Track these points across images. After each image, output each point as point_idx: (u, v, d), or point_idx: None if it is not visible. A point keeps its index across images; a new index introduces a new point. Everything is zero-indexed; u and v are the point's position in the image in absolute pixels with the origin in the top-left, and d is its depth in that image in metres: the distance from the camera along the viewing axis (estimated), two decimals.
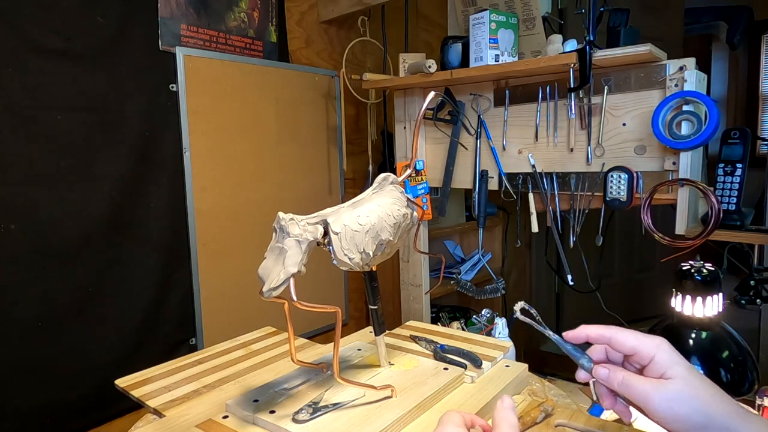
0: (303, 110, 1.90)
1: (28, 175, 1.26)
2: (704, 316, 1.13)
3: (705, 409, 0.44)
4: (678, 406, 0.45)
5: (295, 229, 0.62)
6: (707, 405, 0.44)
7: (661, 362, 0.47)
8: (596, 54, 1.26)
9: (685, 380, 0.45)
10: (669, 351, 0.47)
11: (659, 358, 0.47)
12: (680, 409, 0.45)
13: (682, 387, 0.45)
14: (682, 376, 0.45)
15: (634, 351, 0.48)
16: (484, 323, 1.90)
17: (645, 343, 0.47)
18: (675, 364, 0.46)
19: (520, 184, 1.54)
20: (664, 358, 0.46)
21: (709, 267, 1.16)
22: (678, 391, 0.45)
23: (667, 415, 0.45)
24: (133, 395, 0.82)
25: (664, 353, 0.47)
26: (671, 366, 0.46)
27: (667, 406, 0.45)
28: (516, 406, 0.41)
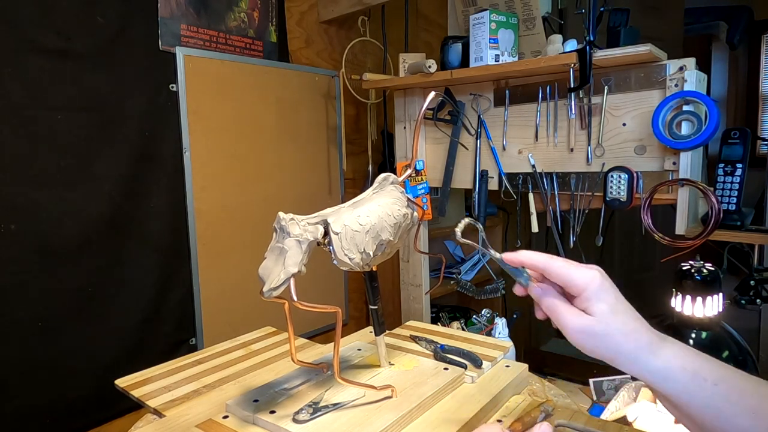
0: (303, 110, 1.90)
1: (28, 175, 1.26)
2: (704, 316, 1.14)
3: (614, 346, 0.49)
4: (588, 339, 0.50)
5: (295, 229, 0.62)
6: (617, 343, 0.49)
7: (585, 297, 0.50)
8: (596, 54, 1.26)
9: (600, 318, 0.49)
10: (597, 288, 0.50)
11: (586, 294, 0.50)
12: (589, 342, 0.50)
13: (596, 324, 0.49)
14: (600, 313, 0.49)
15: (564, 284, 0.52)
16: (484, 323, 1.91)
17: (575, 279, 0.50)
18: (599, 301, 0.49)
19: (520, 184, 1.54)
20: (589, 295, 0.50)
21: (709, 267, 1.16)
22: (591, 326, 0.49)
23: (578, 344, 0.50)
24: (133, 395, 0.82)
25: (591, 290, 0.50)
26: (595, 303, 0.49)
27: (578, 338, 0.50)
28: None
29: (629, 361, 0.49)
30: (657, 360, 0.49)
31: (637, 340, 0.49)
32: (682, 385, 0.48)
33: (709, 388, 0.48)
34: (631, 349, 0.49)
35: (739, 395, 0.47)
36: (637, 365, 0.49)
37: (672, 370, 0.49)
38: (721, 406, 0.47)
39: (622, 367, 0.50)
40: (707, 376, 0.48)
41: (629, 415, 1.16)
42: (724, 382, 0.48)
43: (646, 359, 0.49)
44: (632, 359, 0.49)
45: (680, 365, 0.49)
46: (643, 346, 0.49)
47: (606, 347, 0.49)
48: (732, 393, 0.47)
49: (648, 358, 0.49)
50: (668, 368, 0.49)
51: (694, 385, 0.48)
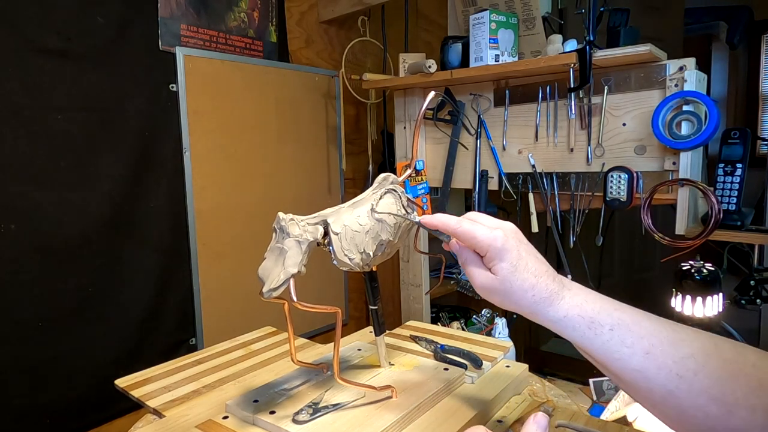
0: (303, 110, 1.90)
1: (28, 175, 1.26)
2: (704, 316, 1.13)
3: (515, 300, 0.53)
4: (492, 296, 0.55)
5: (295, 230, 0.62)
6: (518, 299, 0.53)
7: (489, 257, 0.54)
8: (596, 54, 1.26)
9: (501, 278, 0.53)
10: (499, 248, 0.53)
11: (489, 255, 0.54)
12: (494, 298, 0.55)
13: (497, 283, 0.53)
14: (501, 273, 0.53)
15: (471, 247, 0.56)
16: (484, 323, 1.91)
17: (478, 241, 0.54)
18: (500, 260, 0.53)
19: (520, 184, 1.54)
20: (492, 255, 0.54)
21: (709, 267, 1.16)
22: (493, 284, 0.54)
23: (484, 298, 0.56)
24: (133, 395, 0.82)
25: (493, 250, 0.53)
26: (497, 262, 0.53)
27: (484, 294, 0.55)
28: (548, 425, 0.46)
29: (531, 313, 0.54)
30: (557, 311, 0.52)
31: (535, 296, 0.52)
32: (581, 332, 0.51)
33: (606, 333, 0.50)
34: (531, 304, 0.53)
35: (634, 338, 0.50)
36: (538, 316, 0.53)
37: (570, 319, 0.52)
38: (617, 348, 0.50)
39: (528, 317, 0.54)
40: (604, 321, 0.51)
41: (629, 415, 1.16)
42: (619, 326, 0.50)
43: (546, 311, 0.52)
44: (533, 311, 0.53)
45: (578, 314, 0.52)
46: (541, 300, 0.52)
47: (509, 302, 0.54)
48: (627, 336, 0.50)
49: (547, 310, 0.52)
50: (567, 317, 0.52)
51: (591, 331, 0.51)
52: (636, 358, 0.49)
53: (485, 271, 0.55)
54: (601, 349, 0.51)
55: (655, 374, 0.48)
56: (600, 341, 0.50)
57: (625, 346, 0.50)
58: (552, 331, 0.54)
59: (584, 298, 0.53)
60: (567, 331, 0.52)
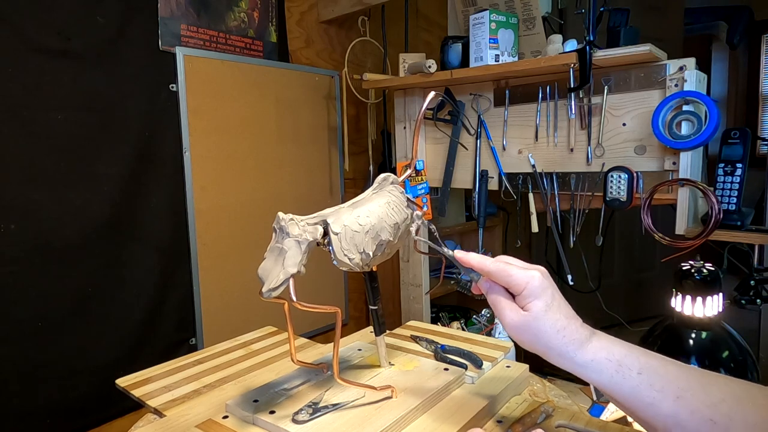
0: (303, 110, 1.90)
1: (28, 175, 1.26)
2: (704, 316, 1.13)
3: (545, 341, 0.53)
4: (523, 334, 0.54)
5: (294, 230, 0.62)
6: (548, 339, 0.53)
7: (524, 296, 0.54)
8: (596, 54, 1.26)
9: (534, 316, 0.53)
10: (535, 287, 0.54)
11: (525, 293, 0.54)
12: (524, 337, 0.54)
13: (531, 320, 0.53)
14: (535, 311, 0.53)
15: (506, 285, 0.56)
16: (484, 323, 1.91)
17: (514, 279, 0.55)
18: (535, 299, 0.53)
19: (520, 184, 1.54)
20: (527, 293, 0.54)
21: (709, 267, 1.16)
22: (526, 322, 0.53)
23: (514, 338, 0.56)
24: (134, 395, 0.82)
25: (529, 289, 0.54)
26: (531, 300, 0.53)
27: (514, 332, 0.55)
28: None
29: (559, 356, 0.53)
30: (585, 354, 0.52)
31: (565, 337, 0.53)
32: (609, 375, 0.51)
33: (635, 377, 0.50)
34: (561, 345, 0.53)
35: (663, 382, 0.50)
36: (567, 359, 0.53)
37: (598, 362, 0.52)
38: (646, 393, 0.50)
39: (553, 361, 0.54)
40: (632, 365, 0.51)
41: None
42: (648, 370, 0.51)
43: (574, 354, 0.53)
44: (562, 353, 0.53)
45: (605, 357, 0.52)
46: (571, 342, 0.53)
47: (538, 342, 0.54)
48: (656, 380, 0.50)
49: (576, 352, 0.53)
50: (594, 361, 0.52)
51: (620, 375, 0.51)
52: (667, 402, 0.49)
53: (517, 308, 0.55)
54: (630, 394, 0.50)
55: (687, 419, 0.48)
56: (629, 385, 0.50)
57: (655, 390, 0.49)
58: (578, 376, 0.54)
59: (611, 342, 0.54)
60: (595, 375, 0.52)
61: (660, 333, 1.22)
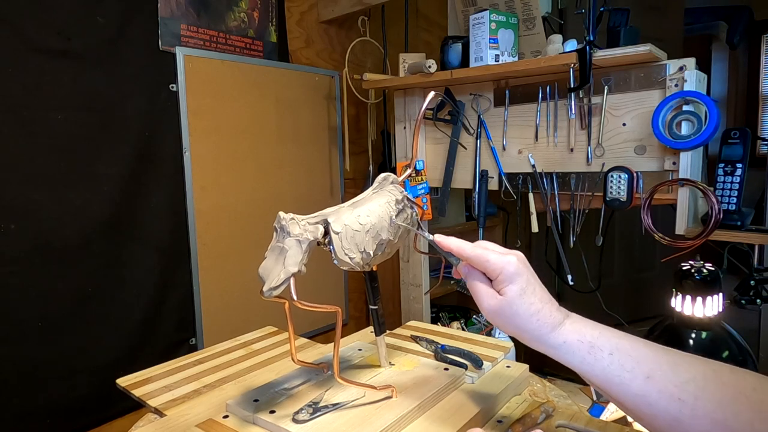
0: (303, 110, 1.90)
1: (28, 175, 1.26)
2: (704, 316, 1.13)
3: (520, 324, 0.55)
4: (498, 318, 0.56)
5: (295, 229, 0.62)
6: (522, 322, 0.54)
7: (499, 280, 0.55)
8: (596, 54, 1.26)
9: (509, 300, 0.54)
10: (511, 272, 0.55)
11: (500, 278, 0.55)
12: (498, 321, 0.56)
13: (505, 305, 0.54)
14: (510, 295, 0.54)
15: (483, 270, 0.57)
16: (484, 323, 1.91)
17: (491, 264, 0.56)
18: (511, 283, 0.55)
19: (520, 184, 1.54)
20: (502, 278, 0.55)
21: (709, 267, 1.16)
22: (501, 307, 0.55)
23: (490, 321, 0.57)
24: (134, 394, 0.82)
25: (504, 274, 0.55)
26: (506, 285, 0.55)
27: (490, 316, 0.57)
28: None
29: (533, 339, 0.55)
30: (557, 337, 0.54)
31: (539, 320, 0.54)
32: (581, 357, 0.53)
33: (606, 357, 0.52)
34: (534, 328, 0.54)
35: (634, 362, 0.51)
36: (540, 342, 0.55)
37: (570, 345, 0.53)
38: (617, 373, 0.51)
39: (529, 343, 0.56)
40: (603, 346, 0.52)
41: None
42: (618, 351, 0.52)
43: (547, 337, 0.54)
44: (535, 337, 0.55)
45: (577, 339, 0.53)
46: (544, 325, 0.54)
47: (513, 325, 0.55)
48: (627, 361, 0.51)
49: (549, 335, 0.54)
50: (567, 343, 0.53)
51: (591, 356, 0.52)
52: (637, 382, 0.50)
53: (494, 292, 0.56)
54: (602, 374, 0.52)
55: (656, 399, 0.49)
56: (600, 366, 0.52)
57: (626, 371, 0.51)
58: (553, 358, 0.55)
59: (583, 324, 0.55)
60: (567, 357, 0.54)
61: (660, 333, 1.22)
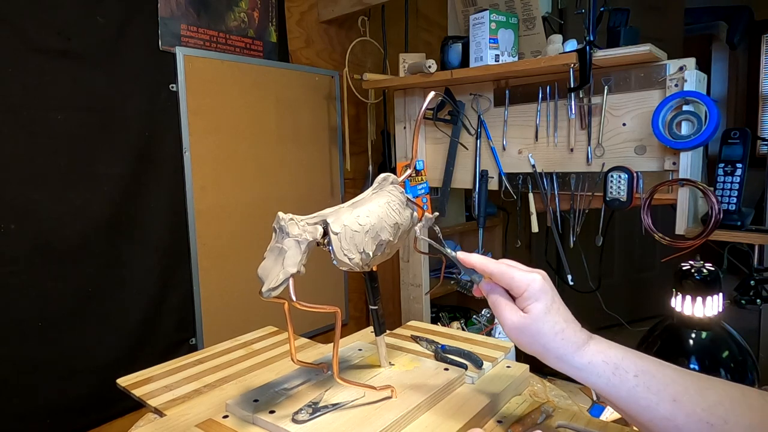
0: (303, 110, 1.90)
1: (28, 175, 1.26)
2: (704, 316, 1.13)
3: (543, 343, 0.53)
4: (521, 336, 0.55)
5: (294, 230, 0.62)
6: (546, 341, 0.53)
7: (524, 297, 0.55)
8: (596, 54, 1.26)
9: (534, 317, 0.53)
10: (536, 290, 0.54)
11: (525, 295, 0.54)
12: (522, 338, 0.55)
13: (530, 322, 0.54)
14: (535, 313, 0.53)
15: (508, 286, 0.57)
16: (484, 323, 1.91)
17: (516, 281, 0.55)
18: (535, 301, 0.54)
19: (520, 184, 1.54)
20: (528, 295, 0.54)
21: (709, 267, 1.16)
22: (525, 324, 0.54)
23: (513, 339, 0.56)
24: (134, 394, 0.82)
25: (530, 291, 0.54)
26: (532, 303, 0.54)
27: (513, 333, 0.55)
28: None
29: (557, 358, 0.54)
30: (582, 357, 0.53)
31: (564, 340, 0.53)
32: (606, 378, 0.52)
33: (631, 379, 0.51)
34: (559, 347, 0.53)
35: (660, 385, 0.50)
36: (564, 362, 0.54)
37: (595, 365, 0.52)
38: (644, 395, 0.50)
39: (551, 363, 0.55)
40: (628, 368, 0.52)
41: None
42: (644, 373, 0.51)
43: (572, 357, 0.53)
44: (559, 356, 0.54)
45: (602, 360, 0.52)
46: (569, 345, 0.53)
47: (537, 343, 0.54)
48: (653, 383, 0.50)
49: (573, 355, 0.53)
50: (591, 363, 0.53)
51: (617, 378, 0.51)
52: (664, 405, 0.49)
53: (517, 310, 0.55)
54: (627, 396, 0.51)
55: (684, 422, 0.48)
56: (626, 388, 0.51)
57: (652, 393, 0.50)
58: (576, 379, 0.54)
59: (607, 346, 0.54)
60: (592, 378, 0.53)
61: (660, 333, 1.21)
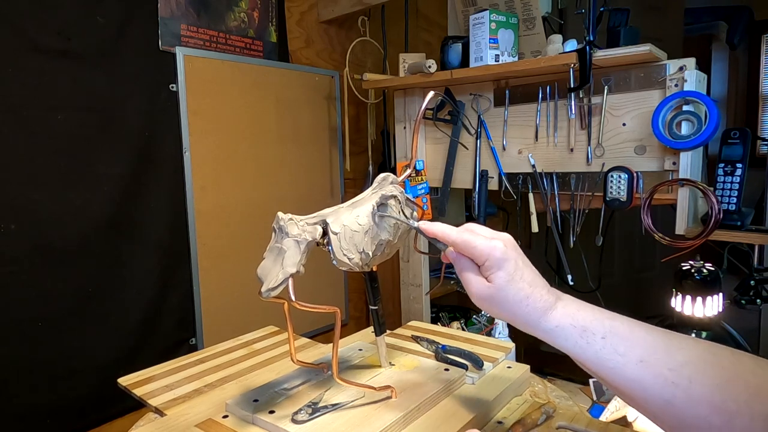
0: (303, 110, 1.90)
1: (28, 175, 1.26)
2: (704, 316, 1.13)
3: (510, 310, 0.53)
4: (487, 304, 0.55)
5: (293, 230, 0.62)
6: (512, 308, 0.53)
7: (487, 266, 0.54)
8: (596, 54, 1.26)
9: (498, 286, 0.53)
10: (497, 258, 0.53)
11: (487, 264, 0.54)
12: (488, 307, 0.55)
13: (494, 291, 0.53)
14: (498, 282, 0.53)
15: (470, 256, 0.56)
16: (484, 323, 1.91)
17: (477, 250, 0.54)
18: (498, 270, 0.53)
19: (520, 184, 1.54)
20: (489, 264, 0.54)
21: (709, 267, 1.16)
22: (489, 293, 0.54)
23: (479, 307, 0.56)
24: (135, 394, 0.82)
25: (491, 260, 0.54)
26: (494, 271, 0.53)
27: (480, 303, 0.55)
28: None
29: (524, 324, 0.54)
30: (549, 321, 0.53)
31: (529, 305, 0.53)
32: (573, 341, 0.51)
33: (598, 341, 0.50)
34: (525, 313, 0.53)
35: (627, 346, 0.49)
36: (532, 327, 0.54)
37: (563, 329, 0.52)
38: (610, 357, 0.50)
39: (521, 328, 0.55)
40: (596, 330, 0.51)
41: (629, 415, 1.16)
42: (613, 335, 0.50)
43: (538, 321, 0.53)
44: (527, 322, 0.53)
45: (570, 323, 0.52)
46: (535, 310, 0.53)
47: (504, 311, 0.54)
48: (620, 344, 0.50)
49: (540, 320, 0.53)
50: (559, 327, 0.52)
51: (584, 340, 0.51)
52: (630, 366, 0.49)
53: (482, 279, 0.55)
54: (594, 358, 0.50)
55: (651, 383, 0.47)
56: (593, 350, 0.50)
57: (618, 355, 0.49)
58: (546, 342, 0.54)
59: (577, 307, 0.53)
60: (560, 341, 0.52)
61: None
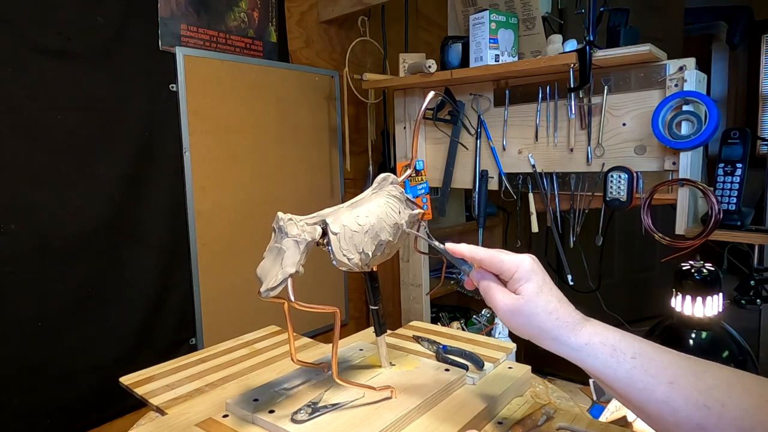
0: (303, 110, 1.90)
1: (28, 175, 1.26)
2: (704, 316, 1.13)
3: (538, 324, 0.53)
4: (515, 318, 0.54)
5: (293, 230, 0.62)
6: (540, 321, 0.53)
7: (515, 279, 0.54)
8: (596, 54, 1.26)
9: (527, 298, 0.53)
10: (526, 270, 0.54)
11: (516, 276, 0.54)
12: (516, 321, 0.54)
13: (522, 303, 0.53)
14: (527, 293, 0.53)
15: (498, 271, 0.56)
16: (484, 323, 1.91)
17: (505, 264, 0.55)
18: (527, 281, 0.54)
19: (520, 184, 1.54)
20: (518, 276, 0.54)
21: (709, 267, 1.16)
22: (517, 305, 0.53)
23: (506, 322, 0.55)
24: (137, 393, 0.82)
25: (520, 272, 0.54)
26: (523, 283, 0.54)
27: (506, 316, 0.55)
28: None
29: (552, 339, 0.53)
30: (579, 338, 0.52)
31: (558, 319, 0.53)
32: (603, 360, 0.51)
33: (628, 361, 0.50)
34: (554, 327, 0.53)
35: (657, 367, 0.50)
36: (559, 343, 0.53)
37: (592, 347, 0.52)
38: (641, 377, 0.50)
39: (547, 345, 0.54)
40: (626, 350, 0.51)
41: (629, 416, 1.16)
42: (642, 355, 0.51)
43: (568, 337, 0.52)
44: (554, 336, 0.53)
45: (600, 341, 0.52)
46: (564, 324, 0.53)
47: (531, 325, 0.53)
48: (650, 365, 0.50)
49: (569, 336, 0.52)
50: (589, 345, 0.52)
51: (614, 359, 0.51)
52: (661, 388, 0.48)
53: (510, 293, 0.55)
54: (625, 378, 0.50)
55: (682, 405, 0.47)
56: (623, 369, 0.50)
57: (650, 375, 0.49)
58: (572, 361, 0.53)
59: (604, 327, 0.53)
60: (589, 360, 0.52)
61: (660, 333, 1.21)
